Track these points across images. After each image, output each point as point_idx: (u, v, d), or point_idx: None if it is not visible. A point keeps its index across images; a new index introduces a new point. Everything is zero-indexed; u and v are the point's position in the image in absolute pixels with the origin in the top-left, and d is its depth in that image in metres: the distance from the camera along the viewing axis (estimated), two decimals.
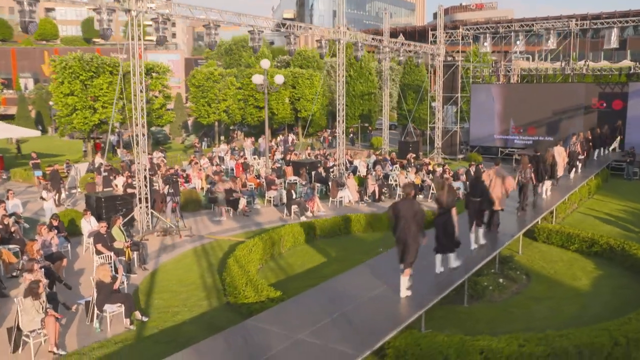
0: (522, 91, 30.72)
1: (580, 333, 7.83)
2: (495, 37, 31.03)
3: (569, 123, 28.92)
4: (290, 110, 37.11)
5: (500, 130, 31.16)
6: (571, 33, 29.03)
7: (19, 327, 8.40)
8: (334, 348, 7.09)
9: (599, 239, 12.92)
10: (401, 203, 8.91)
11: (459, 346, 7.56)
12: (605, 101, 28.23)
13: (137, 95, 14.72)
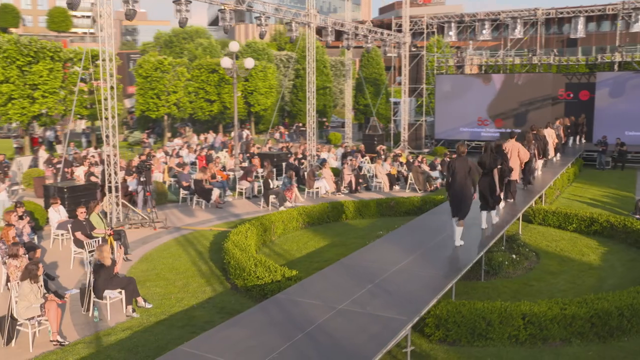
0: (489, 82, 31.84)
1: (619, 295, 8.30)
2: (460, 27, 32.06)
3: (537, 114, 30.17)
4: (243, 104, 36.87)
5: (466, 122, 32.14)
6: (537, 22, 30.38)
7: (12, 315, 8.01)
8: (380, 315, 7.18)
9: (599, 218, 13.62)
10: (456, 161, 9.89)
11: (501, 311, 7.83)
12: (572, 92, 29.70)
13: (108, 80, 14.33)
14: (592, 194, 19.03)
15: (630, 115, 27.91)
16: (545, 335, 7.77)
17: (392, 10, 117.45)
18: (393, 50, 29.06)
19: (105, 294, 8.89)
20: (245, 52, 44.73)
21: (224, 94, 34.96)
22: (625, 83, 28.16)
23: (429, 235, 11.19)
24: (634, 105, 27.81)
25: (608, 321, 7.86)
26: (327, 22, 23.15)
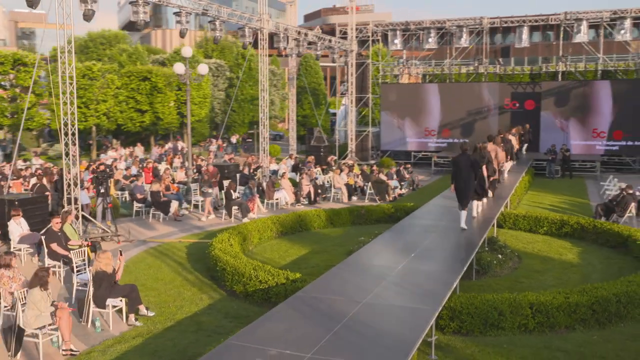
0: (435, 91, 33.63)
1: (614, 284, 9.57)
2: (405, 35, 33.78)
3: (483, 124, 32.22)
4: (176, 115, 36.98)
5: (412, 133, 33.76)
6: (483, 31, 32.52)
7: (18, 326, 8.23)
8: (405, 306, 8.01)
9: (569, 220, 15.14)
10: (460, 157, 11.92)
11: (511, 301, 8.87)
12: (518, 101, 31.93)
13: (67, 83, 14.54)
14: (549, 201, 20.76)
15: (574, 124, 30.37)
16: (552, 322, 8.85)
17: (317, 17, 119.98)
18: (339, 59, 30.28)
19: (107, 302, 9.23)
20: (173, 59, 44.76)
21: (156, 103, 35.00)
22: (569, 92, 30.61)
23: (419, 237, 12.16)
24: (578, 114, 30.30)
25: (607, 307, 9.05)
26: (280, 28, 23.98)
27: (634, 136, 29.39)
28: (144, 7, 17.29)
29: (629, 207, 16.69)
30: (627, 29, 29.06)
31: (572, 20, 30.11)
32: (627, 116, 29.20)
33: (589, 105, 30.05)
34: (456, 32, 32.39)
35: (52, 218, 11.92)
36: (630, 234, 13.43)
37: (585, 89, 30.50)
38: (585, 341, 8.57)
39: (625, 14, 28.81)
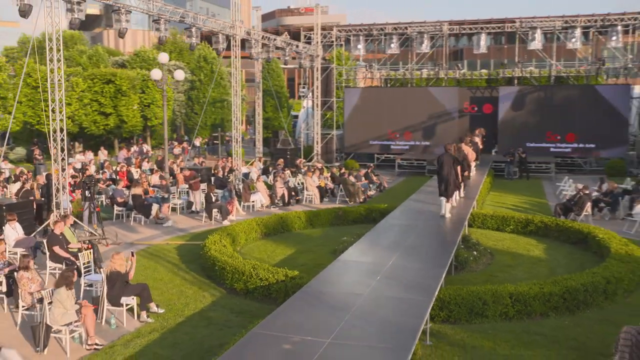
0: (397, 95, 34.96)
1: (581, 275, 10.81)
2: (368, 40, 34.96)
3: (444, 127, 33.70)
4: (139, 118, 37.25)
5: (375, 135, 34.99)
6: (443, 37, 33.97)
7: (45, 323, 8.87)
8: (403, 297, 9.01)
9: (533, 219, 16.46)
10: (443, 155, 14.31)
11: (493, 292, 9.99)
12: (477, 105, 33.49)
13: (55, 84, 15.03)
14: (511, 201, 22.16)
15: (530, 128, 32.10)
16: (529, 310, 10.00)
17: (272, 18, 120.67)
18: (306, 62, 31.20)
19: (122, 300, 9.94)
20: (133, 61, 44.96)
21: (120, 106, 35.25)
22: (524, 97, 32.34)
23: (400, 236, 13.18)
24: (533, 117, 32.05)
25: (576, 296, 10.26)
26: (251, 34, 24.75)
27: (585, 139, 31.31)
28: (79, 6, 16.12)
29: (585, 207, 18.14)
30: (577, 37, 30.90)
31: (527, 28, 31.80)
32: (579, 120, 31.09)
33: (544, 109, 31.83)
34: (417, 38, 33.76)
35: (56, 223, 12.46)
36: (589, 231, 14.78)
37: (540, 94, 32.30)
38: (558, 326, 9.73)
39: (576, 23, 30.66)
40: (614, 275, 10.88)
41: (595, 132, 30.93)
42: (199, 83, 43.70)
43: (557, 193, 23.86)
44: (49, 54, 15.08)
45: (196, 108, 44.18)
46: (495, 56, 64.48)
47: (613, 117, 30.59)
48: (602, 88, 32.47)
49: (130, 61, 45.01)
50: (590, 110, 30.90)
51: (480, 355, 8.61)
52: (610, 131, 30.71)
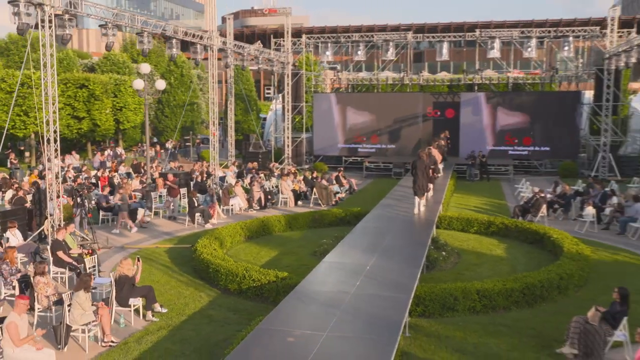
0: (364, 100, 36.25)
1: (538, 273, 12.14)
2: (336, 47, 36.15)
3: (409, 131, 35.16)
4: (112, 121, 37.73)
5: (344, 139, 36.24)
6: (407, 45, 35.37)
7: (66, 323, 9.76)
8: (385, 295, 10.16)
9: (495, 221, 17.86)
10: (417, 161, 16.48)
11: (463, 289, 11.24)
12: (440, 110, 35.00)
13: (49, 86, 15.77)
14: (473, 203, 23.61)
15: (489, 132, 33.76)
16: (493, 304, 11.28)
17: (237, 19, 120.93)
18: (277, 68, 32.22)
19: (130, 302, 10.88)
20: (103, 64, 45.28)
21: (93, 110, 35.70)
22: (484, 103, 33.98)
23: (376, 239, 14.36)
24: (493, 122, 33.70)
25: (534, 291, 11.59)
26: (227, 44, 25.65)
27: (540, 142, 33.11)
28: (27, 8, 15.07)
29: (541, 208, 19.63)
30: (532, 47, 32.63)
31: (486, 38, 33.39)
32: (535, 124, 32.91)
33: (502, 114, 33.52)
34: (383, 45, 35.07)
35: (59, 230, 13.27)
36: (545, 232, 16.23)
37: (498, 100, 33.99)
38: (519, 317, 11.03)
39: (531, 34, 32.38)
40: (566, 272, 12.27)
41: (550, 136, 32.77)
42: (169, 86, 44.26)
43: (516, 194, 25.39)
44: (42, 74, 15.70)
45: (166, 111, 44.76)
46: (455, 58, 66.84)
47: (566, 121, 32.45)
48: (555, 94, 34.32)
49: (100, 64, 45.29)
50: (545, 116, 32.73)
51: (453, 344, 9.82)
52: (563, 135, 32.58)
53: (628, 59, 24.98)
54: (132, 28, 20.17)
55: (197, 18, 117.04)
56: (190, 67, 46.50)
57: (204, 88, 53.79)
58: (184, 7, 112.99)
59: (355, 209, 19.73)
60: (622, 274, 13.84)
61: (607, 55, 29.65)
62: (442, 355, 9.41)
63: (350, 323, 8.90)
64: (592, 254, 15.05)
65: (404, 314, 9.26)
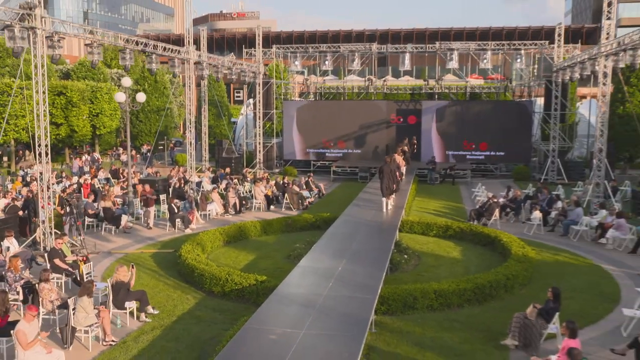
0: (331, 107, 37.49)
1: (487, 274, 13.51)
2: (305, 56, 37.28)
3: (373, 137, 36.51)
4: (89, 127, 38.22)
5: (311, 144, 37.42)
6: (372, 56, 36.70)
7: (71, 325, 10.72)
8: (355, 296, 11.35)
9: (452, 225, 19.23)
10: (384, 166, 18.39)
11: (422, 290, 12.50)
12: (402, 117, 36.42)
13: (41, 103, 16.57)
14: (433, 207, 25.01)
15: (449, 138, 35.31)
16: (449, 303, 12.57)
17: (205, 22, 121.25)
18: (249, 77, 33.22)
19: (126, 305, 11.87)
20: (78, 70, 45.60)
21: (71, 117, 36.17)
22: (444, 111, 35.53)
23: (345, 243, 15.52)
24: (452, 128, 35.26)
25: (484, 291, 12.92)
26: (202, 58, 26.55)
27: (495, 147, 34.80)
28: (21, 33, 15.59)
29: (494, 212, 21.08)
30: (488, 58, 34.28)
31: (445, 49, 34.91)
32: (490, 131, 34.56)
33: (460, 121, 35.12)
34: (349, 56, 36.35)
35: (56, 239, 14.15)
36: (496, 235, 17.64)
37: (457, 108, 35.60)
38: (471, 314, 12.34)
39: (487, 47, 34.02)
40: (512, 273, 13.66)
41: (504, 142, 34.47)
42: (144, 92, 44.73)
43: (472, 198, 26.88)
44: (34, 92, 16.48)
45: (141, 116, 45.28)
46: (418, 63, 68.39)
47: (519, 128, 34.19)
48: (509, 103, 36.07)
49: (76, 70, 45.60)
50: (500, 123, 34.41)
51: (413, 339, 11.05)
52: (516, 141, 34.32)
53: (572, 73, 26.65)
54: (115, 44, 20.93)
55: (167, 21, 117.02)
56: (163, 74, 47.05)
57: (175, 92, 54.41)
58: (154, 10, 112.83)
59: (325, 214, 20.90)
60: (562, 273, 15.30)
61: (554, 68, 31.41)
62: (403, 348, 10.64)
63: (324, 321, 10.05)
64: (537, 255, 16.55)
65: (370, 312, 10.46)
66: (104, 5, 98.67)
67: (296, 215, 22.05)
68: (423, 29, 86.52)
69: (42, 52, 16.53)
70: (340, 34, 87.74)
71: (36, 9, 15.91)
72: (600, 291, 13.93)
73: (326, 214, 20.90)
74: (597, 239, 18.70)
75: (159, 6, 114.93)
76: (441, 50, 35.22)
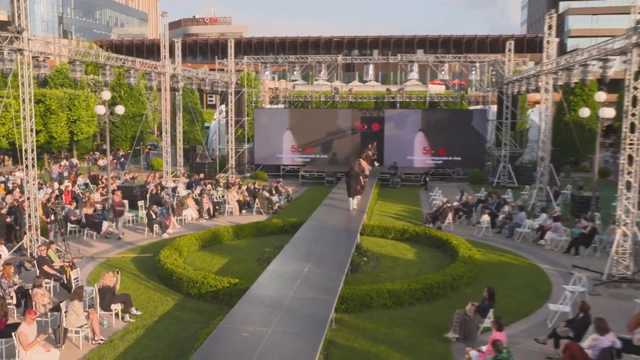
0: (300, 115, 38.56)
1: (435, 275, 14.76)
2: (276, 64, 38.28)
3: (339, 143, 37.71)
4: (67, 133, 38.63)
5: (281, 149, 38.45)
6: (338, 66, 37.88)
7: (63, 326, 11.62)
8: (317, 297, 12.46)
9: (408, 228, 20.49)
10: (350, 170, 20.48)
11: (377, 290, 13.68)
12: (367, 124, 37.68)
13: (27, 118, 17.30)
14: (394, 210, 26.27)
15: (410, 144, 36.68)
16: (401, 301, 13.75)
17: (179, 27, 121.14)
18: (221, 87, 34.11)
19: (111, 307, 12.80)
20: (56, 77, 45.82)
21: (50, 124, 36.56)
22: (405, 118, 36.90)
23: (311, 247, 16.65)
24: (412, 135, 36.65)
25: (432, 290, 14.15)
26: (177, 70, 27.38)
27: (452, 153, 36.29)
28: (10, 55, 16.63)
29: (448, 216, 22.41)
30: (445, 70, 35.75)
31: (406, 62, 36.27)
32: (448, 137, 36.02)
33: (421, 128, 36.51)
34: (316, 67, 37.48)
35: (40, 247, 14.99)
36: (447, 238, 18.94)
37: (417, 116, 36.98)
38: (420, 311, 13.55)
39: (445, 59, 35.51)
40: (458, 274, 14.93)
41: (461, 147, 35.97)
42: (119, 99, 45.21)
43: (430, 201, 28.21)
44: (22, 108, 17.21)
45: (117, 122, 45.64)
46: (382, 69, 70.17)
47: (474, 135, 35.74)
48: (465, 112, 37.61)
49: (53, 77, 45.80)
50: (457, 130, 35.91)
51: (368, 334, 12.21)
52: (472, 147, 35.85)
53: (520, 87, 28.19)
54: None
55: (141, 26, 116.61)
56: (139, 80, 47.49)
57: (150, 97, 54.80)
58: (128, 15, 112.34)
59: (293, 219, 21.96)
60: (504, 273, 16.63)
61: (505, 81, 32.99)
62: (359, 342, 11.79)
63: (290, 320, 11.15)
64: (483, 257, 17.91)
65: (330, 312, 11.60)
66: (79, 10, 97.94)
67: (266, 219, 23.06)
68: (388, 36, 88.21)
69: (29, 72, 17.22)
70: (309, 41, 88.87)
71: (23, 32, 16.64)
72: (535, 289, 15.28)
73: (294, 218, 21.95)
74: (538, 240, 20.14)
75: (132, 11, 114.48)
76: (402, 62, 36.55)
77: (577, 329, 11.10)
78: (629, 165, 15.67)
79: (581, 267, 16.49)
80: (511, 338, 11.71)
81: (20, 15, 16.52)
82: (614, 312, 13.46)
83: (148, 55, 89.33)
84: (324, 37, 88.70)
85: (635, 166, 15.57)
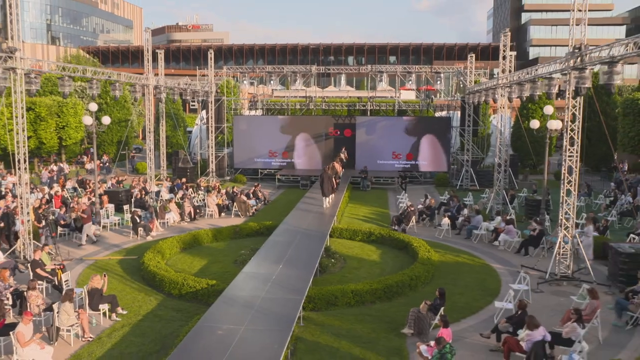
0: (276, 122, 39.27)
1: (395, 276, 15.64)
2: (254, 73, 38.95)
3: (314, 147, 38.51)
4: (56, 139, 38.87)
5: (259, 154, 39.14)
6: (312, 76, 38.67)
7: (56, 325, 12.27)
8: (287, 297, 13.26)
9: (374, 231, 21.37)
10: (324, 173, 21.87)
11: (342, 290, 14.53)
12: (339, 130, 38.54)
13: (20, 132, 17.81)
14: (363, 212, 27.15)
15: (380, 149, 37.62)
16: (363, 300, 14.61)
17: (163, 33, 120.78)
18: (202, 96, 34.72)
19: (99, 307, 13.47)
20: (45, 85, 45.91)
21: (39, 130, 36.80)
22: (375, 125, 37.82)
23: (283, 250, 17.40)
24: (382, 141, 37.59)
25: (392, 289, 15.04)
26: (160, 82, 27.96)
27: (420, 157, 37.32)
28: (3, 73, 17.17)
29: (411, 219, 23.35)
30: (413, 80, 36.80)
31: (376, 72, 37.21)
32: (416, 143, 37.02)
33: (390, 134, 37.47)
34: (292, 76, 38.23)
35: (35, 251, 15.55)
36: (409, 240, 19.87)
37: (387, 122, 37.94)
38: (381, 309, 14.42)
39: (412, 70, 36.53)
40: (416, 275, 15.85)
41: (428, 152, 37.02)
42: (106, 105, 45.52)
43: (397, 204, 29.16)
44: (15, 122, 17.72)
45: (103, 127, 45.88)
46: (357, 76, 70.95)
47: (440, 141, 36.80)
48: (431, 119, 38.68)
49: (42, 85, 45.84)
50: (424, 135, 36.92)
51: (332, 330, 13.04)
52: (438, 152, 36.92)
53: (480, 98, 29.26)
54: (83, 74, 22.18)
55: (126, 32, 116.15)
56: (124, 87, 47.77)
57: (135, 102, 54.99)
58: (113, 22, 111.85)
59: (268, 222, 22.73)
60: (459, 272, 17.58)
61: (467, 91, 34.09)
62: (324, 338, 12.62)
63: (261, 319, 11.94)
64: (441, 257, 18.86)
65: (298, 310, 12.41)
66: (66, 17, 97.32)
67: (243, 222, 23.79)
68: (362, 43, 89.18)
69: (22, 88, 17.75)
70: (287, 48, 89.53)
71: (16, 52, 17.17)
72: (486, 287, 16.25)
73: (269, 222, 22.72)
74: (492, 242, 21.17)
75: (118, 18, 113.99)
76: (372, 72, 37.49)
77: (515, 324, 12.06)
78: (569, 175, 16.72)
79: (528, 267, 17.57)
80: (459, 333, 12.70)
81: (13, 36, 17.04)
82: (553, 307, 14.55)
83: (133, 61, 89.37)
84: (302, 44, 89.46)
85: (575, 175, 16.62)
